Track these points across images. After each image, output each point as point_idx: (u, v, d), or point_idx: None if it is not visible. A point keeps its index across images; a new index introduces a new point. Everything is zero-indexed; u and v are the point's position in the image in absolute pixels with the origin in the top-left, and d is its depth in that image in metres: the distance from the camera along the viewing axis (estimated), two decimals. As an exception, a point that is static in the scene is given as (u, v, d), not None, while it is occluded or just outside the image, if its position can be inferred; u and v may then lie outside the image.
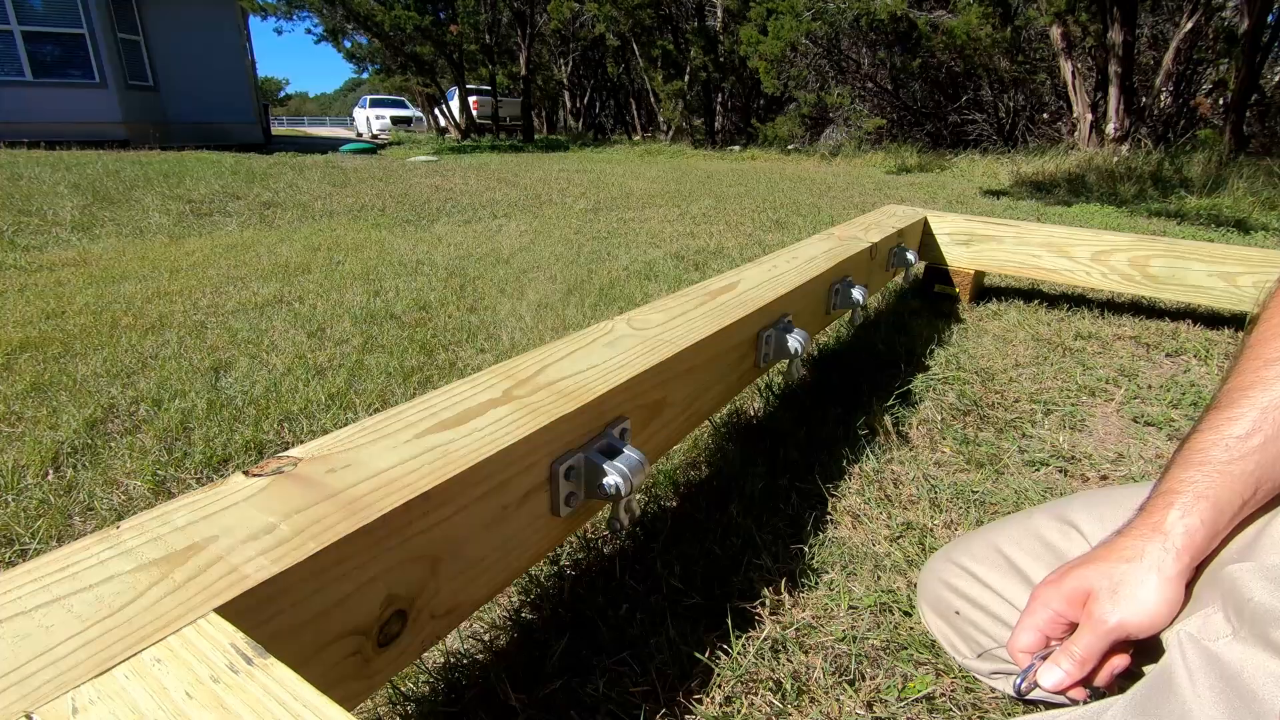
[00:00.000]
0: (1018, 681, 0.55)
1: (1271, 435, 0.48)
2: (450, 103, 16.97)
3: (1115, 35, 6.44)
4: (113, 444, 1.31)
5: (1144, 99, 7.28)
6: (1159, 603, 0.48)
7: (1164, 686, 0.43)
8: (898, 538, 1.02)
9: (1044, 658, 0.54)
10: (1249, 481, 0.48)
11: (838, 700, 0.74)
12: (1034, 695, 0.69)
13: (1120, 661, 0.51)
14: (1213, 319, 2.00)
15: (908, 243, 1.99)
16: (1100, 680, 0.52)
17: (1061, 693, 0.52)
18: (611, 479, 0.67)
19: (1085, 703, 0.52)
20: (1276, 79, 7.90)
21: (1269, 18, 6.21)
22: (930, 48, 9.27)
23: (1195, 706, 0.40)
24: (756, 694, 0.75)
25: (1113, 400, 1.50)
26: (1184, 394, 1.50)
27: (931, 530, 1.04)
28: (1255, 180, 5.07)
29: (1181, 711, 0.41)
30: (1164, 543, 0.49)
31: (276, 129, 26.33)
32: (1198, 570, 0.50)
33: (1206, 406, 0.54)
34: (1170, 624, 0.49)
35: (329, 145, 13.39)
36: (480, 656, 0.81)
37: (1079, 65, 7.07)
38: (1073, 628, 0.53)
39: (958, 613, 0.72)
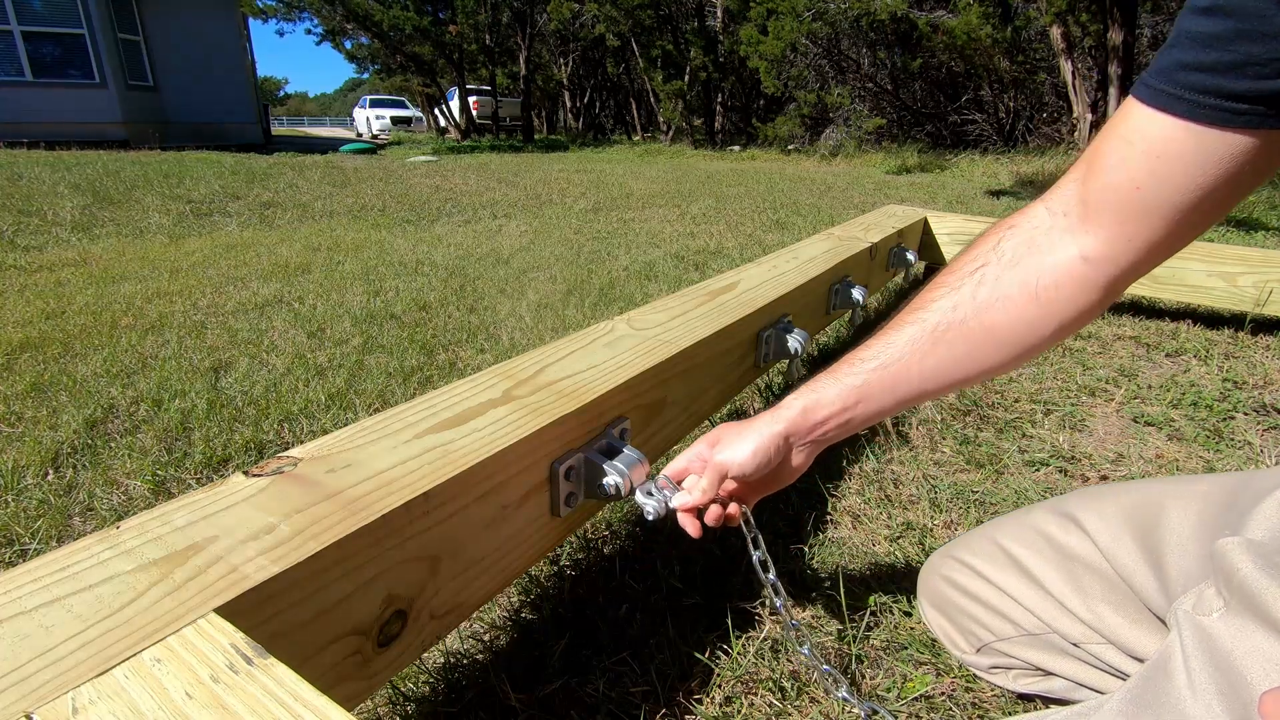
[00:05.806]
0: (647, 500, 0.67)
1: (885, 363, 0.59)
2: (450, 103, 16.98)
3: (1115, 36, 6.43)
4: (113, 444, 1.31)
5: (1144, 99, 7.27)
6: (748, 452, 0.62)
7: (1161, 673, 0.44)
8: (898, 538, 1.02)
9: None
10: (852, 391, 0.60)
11: (838, 700, 0.74)
12: (1027, 691, 0.70)
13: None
14: (1213, 319, 2.00)
15: (908, 243, 1.99)
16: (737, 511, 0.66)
17: (697, 521, 0.65)
18: (611, 479, 0.67)
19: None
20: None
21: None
22: (930, 48, 9.26)
23: (1188, 695, 0.41)
24: (756, 694, 0.75)
25: (1113, 400, 1.50)
26: (1184, 394, 1.50)
27: (931, 530, 1.04)
28: (1255, 180, 5.06)
29: (1175, 700, 0.41)
30: (773, 415, 0.63)
31: (276, 129, 26.31)
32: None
33: None
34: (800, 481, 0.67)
35: (329, 145, 13.38)
36: (480, 656, 0.81)
37: (1079, 65, 7.07)
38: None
39: (957, 608, 0.72)
